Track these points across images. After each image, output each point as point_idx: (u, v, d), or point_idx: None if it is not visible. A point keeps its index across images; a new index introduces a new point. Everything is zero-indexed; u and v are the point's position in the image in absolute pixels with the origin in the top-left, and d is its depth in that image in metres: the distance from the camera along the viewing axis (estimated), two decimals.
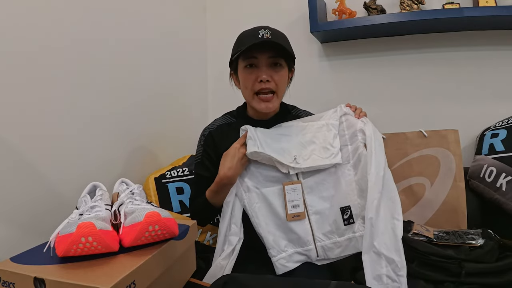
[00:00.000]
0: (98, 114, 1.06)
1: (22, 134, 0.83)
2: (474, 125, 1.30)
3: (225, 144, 0.99)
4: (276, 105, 0.98)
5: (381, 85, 1.50)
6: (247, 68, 0.95)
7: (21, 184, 0.83)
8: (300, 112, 1.09)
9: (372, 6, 1.40)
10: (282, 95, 0.99)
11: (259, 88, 0.93)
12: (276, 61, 0.94)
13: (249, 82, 0.95)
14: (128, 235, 0.65)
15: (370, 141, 0.90)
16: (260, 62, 0.93)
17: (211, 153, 1.02)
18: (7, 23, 0.80)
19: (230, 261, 0.89)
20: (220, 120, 1.07)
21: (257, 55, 0.92)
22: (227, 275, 0.73)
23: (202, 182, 1.01)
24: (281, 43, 0.90)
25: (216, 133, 1.03)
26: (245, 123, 1.01)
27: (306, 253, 0.92)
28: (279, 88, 0.95)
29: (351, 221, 0.91)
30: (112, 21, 1.12)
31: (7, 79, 0.80)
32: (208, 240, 1.21)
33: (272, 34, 0.91)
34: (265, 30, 0.91)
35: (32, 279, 0.57)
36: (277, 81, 0.94)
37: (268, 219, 0.92)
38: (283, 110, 1.06)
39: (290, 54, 0.93)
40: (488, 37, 1.35)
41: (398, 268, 0.78)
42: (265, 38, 0.89)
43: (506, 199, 1.06)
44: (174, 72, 1.47)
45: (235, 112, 1.08)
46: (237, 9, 1.71)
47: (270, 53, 0.92)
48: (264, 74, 0.92)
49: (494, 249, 0.84)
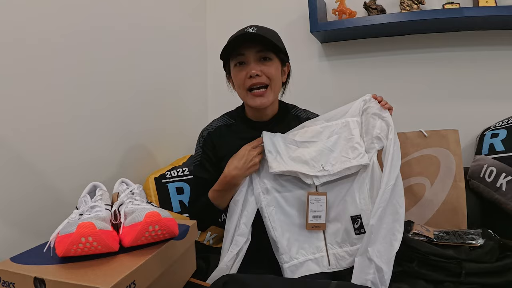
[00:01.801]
0: (98, 114, 1.06)
1: (22, 134, 0.83)
2: (474, 125, 1.30)
3: (224, 146, 0.99)
4: (271, 99, 0.95)
5: (381, 85, 1.50)
6: (237, 66, 0.94)
7: (21, 184, 0.83)
8: (300, 111, 1.07)
9: (372, 6, 1.40)
10: (277, 90, 0.97)
11: (250, 84, 0.92)
12: (264, 55, 0.92)
13: (240, 80, 0.93)
14: (128, 235, 0.65)
15: (390, 146, 0.88)
16: (248, 58, 0.92)
17: (210, 155, 1.02)
18: (7, 22, 0.80)
19: (236, 263, 0.89)
20: (218, 121, 1.06)
21: (244, 51, 0.91)
22: (227, 275, 0.73)
23: (201, 184, 1.00)
24: (267, 37, 0.88)
25: (214, 135, 1.02)
26: (244, 125, 1.01)
27: (317, 261, 0.90)
28: (272, 81, 0.93)
29: (362, 230, 0.88)
30: (111, 21, 1.12)
31: (7, 79, 0.80)
32: (208, 240, 1.21)
33: (258, 29, 0.90)
34: (251, 27, 0.90)
35: (32, 279, 0.57)
36: (268, 74, 0.92)
37: (284, 223, 0.91)
38: (282, 110, 1.04)
39: (278, 47, 0.91)
40: (488, 37, 1.34)
41: (384, 279, 0.79)
42: (251, 32, 0.88)
43: (506, 199, 1.06)
44: (174, 72, 1.47)
45: (234, 112, 1.07)
46: (237, 9, 1.71)
47: (257, 47, 0.91)
48: (253, 69, 0.90)
49: (494, 249, 0.84)
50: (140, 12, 1.26)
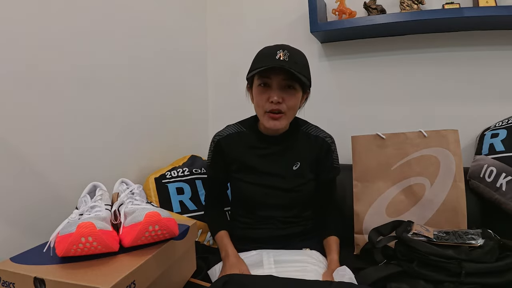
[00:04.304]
0: (98, 114, 1.06)
1: (22, 134, 0.83)
2: (474, 125, 1.30)
3: (233, 152, 1.06)
4: (284, 124, 0.98)
5: (381, 85, 1.50)
6: (260, 87, 0.96)
7: (21, 184, 0.83)
8: (311, 128, 1.09)
9: (372, 6, 1.40)
10: (291, 116, 1.00)
11: (270, 108, 0.95)
12: (289, 83, 0.94)
13: (261, 101, 0.97)
14: (128, 235, 0.65)
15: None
16: (274, 83, 0.94)
17: (218, 159, 1.09)
18: (7, 22, 0.80)
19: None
20: (231, 128, 1.10)
21: (271, 76, 0.93)
22: (227, 275, 0.73)
23: (213, 184, 1.15)
24: (296, 69, 0.90)
25: (224, 142, 1.08)
26: (254, 136, 1.06)
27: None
28: (290, 110, 0.97)
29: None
30: (111, 22, 1.12)
31: (7, 79, 0.80)
32: (208, 240, 1.21)
33: (290, 56, 0.91)
34: (284, 51, 0.91)
35: (32, 279, 0.57)
36: (288, 103, 0.95)
37: None
38: (293, 126, 1.06)
39: (303, 81, 0.92)
40: (488, 37, 1.34)
41: None
42: (282, 60, 0.89)
43: (506, 199, 1.06)
44: (174, 72, 1.47)
45: (247, 122, 1.11)
46: (237, 9, 1.71)
47: (284, 76, 0.93)
48: (276, 96, 0.93)
49: (494, 249, 0.84)
50: (140, 12, 1.26)
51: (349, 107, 1.55)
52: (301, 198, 1.04)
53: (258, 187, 1.03)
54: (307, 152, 1.05)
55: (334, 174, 1.08)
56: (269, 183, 1.02)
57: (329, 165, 1.06)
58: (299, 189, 1.03)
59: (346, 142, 1.22)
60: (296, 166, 1.04)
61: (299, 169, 1.04)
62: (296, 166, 1.04)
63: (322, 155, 1.06)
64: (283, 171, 1.03)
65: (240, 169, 1.06)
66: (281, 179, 1.03)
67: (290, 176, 1.03)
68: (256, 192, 1.03)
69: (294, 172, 1.03)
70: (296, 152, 1.05)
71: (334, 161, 1.08)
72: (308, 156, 1.05)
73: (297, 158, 1.04)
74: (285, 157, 1.04)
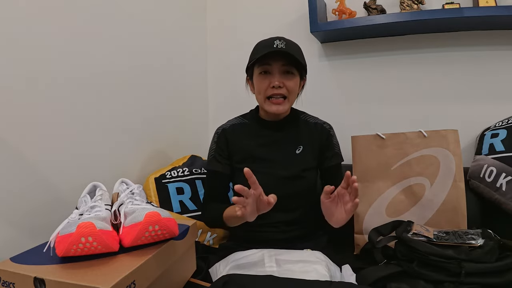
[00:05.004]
0: (98, 114, 1.06)
1: (22, 134, 0.83)
2: (474, 125, 1.30)
3: (237, 141, 1.08)
4: (286, 108, 1.03)
5: (381, 85, 1.50)
6: (261, 75, 1.01)
7: (21, 184, 0.83)
8: (309, 117, 1.14)
9: (372, 6, 1.40)
10: (293, 101, 1.05)
11: (271, 93, 1.00)
12: (288, 69, 1.00)
13: (262, 87, 1.01)
14: (128, 235, 0.65)
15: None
16: (274, 69, 0.99)
17: (223, 148, 1.09)
18: (7, 22, 0.80)
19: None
20: (233, 121, 1.14)
21: (271, 62, 0.99)
22: (227, 275, 0.73)
23: (214, 178, 1.10)
24: (294, 54, 0.96)
25: (228, 131, 1.10)
26: (257, 124, 1.09)
27: None
28: (290, 94, 1.01)
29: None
30: (111, 22, 1.12)
31: (7, 79, 0.80)
32: (208, 240, 1.21)
33: (286, 44, 0.97)
34: (280, 41, 0.97)
35: (32, 279, 0.57)
36: (288, 87, 1.00)
37: None
38: (293, 114, 1.11)
39: (302, 64, 0.99)
40: (488, 37, 1.34)
41: None
42: (280, 48, 0.95)
43: (506, 199, 1.06)
44: (174, 72, 1.47)
45: (248, 114, 1.15)
46: (237, 9, 1.71)
47: (283, 61, 0.98)
48: (277, 80, 0.98)
49: (494, 249, 0.84)
50: (140, 12, 1.26)
51: (349, 107, 1.55)
52: (305, 186, 1.05)
53: (263, 175, 1.01)
54: (308, 137, 1.09)
55: (336, 160, 1.10)
56: (273, 171, 1.03)
57: (330, 150, 1.10)
58: (303, 175, 1.04)
59: (346, 142, 1.22)
60: (299, 150, 1.07)
61: (301, 153, 1.06)
62: (299, 150, 1.07)
63: (323, 141, 1.09)
64: (287, 156, 1.06)
65: (244, 159, 1.06)
66: (284, 166, 1.04)
67: (293, 160, 1.05)
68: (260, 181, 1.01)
69: (297, 156, 1.06)
70: (298, 136, 1.08)
71: (335, 146, 1.11)
72: (310, 141, 1.08)
73: (299, 142, 1.08)
74: (287, 142, 1.07)
